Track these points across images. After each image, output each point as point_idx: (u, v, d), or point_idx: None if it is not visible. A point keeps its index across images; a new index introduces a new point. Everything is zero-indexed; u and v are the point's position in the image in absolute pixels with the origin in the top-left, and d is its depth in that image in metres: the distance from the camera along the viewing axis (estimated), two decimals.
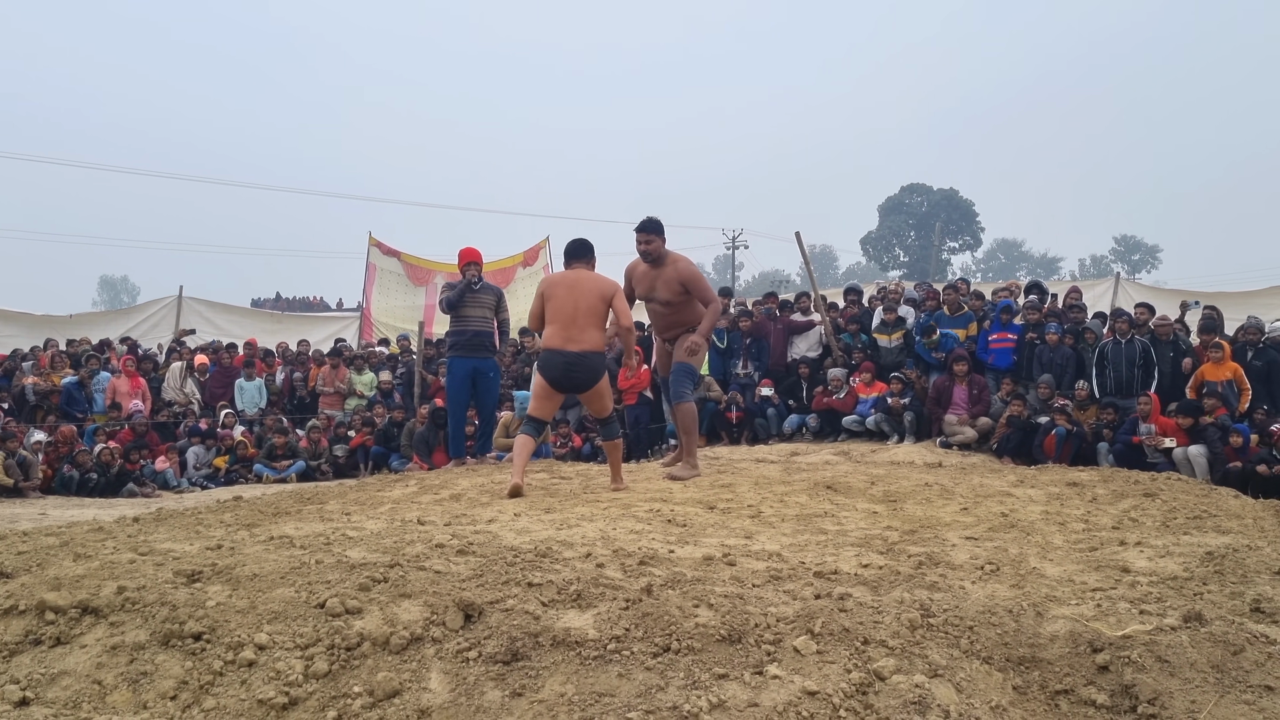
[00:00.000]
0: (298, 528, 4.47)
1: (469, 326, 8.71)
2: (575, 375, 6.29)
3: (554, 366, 6.28)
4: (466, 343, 8.73)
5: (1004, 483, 6.73)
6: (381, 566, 3.33)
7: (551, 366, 6.28)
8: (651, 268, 7.15)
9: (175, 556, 3.62)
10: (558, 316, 6.30)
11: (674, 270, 7.11)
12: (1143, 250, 77.16)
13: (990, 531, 4.84)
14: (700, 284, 7.18)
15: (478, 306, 8.70)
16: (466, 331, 8.71)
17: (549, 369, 6.30)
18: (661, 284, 7.11)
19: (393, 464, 12.56)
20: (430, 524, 4.64)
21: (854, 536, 4.59)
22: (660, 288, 7.13)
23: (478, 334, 8.73)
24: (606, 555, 3.75)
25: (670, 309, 7.23)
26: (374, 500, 6.14)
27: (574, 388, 6.39)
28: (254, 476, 12.43)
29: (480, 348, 8.75)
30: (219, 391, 14.30)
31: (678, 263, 7.15)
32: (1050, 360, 10.86)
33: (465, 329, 8.72)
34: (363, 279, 19.14)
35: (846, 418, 11.71)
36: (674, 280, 7.10)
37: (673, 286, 7.09)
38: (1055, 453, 9.75)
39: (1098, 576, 3.72)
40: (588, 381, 6.36)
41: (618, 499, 5.75)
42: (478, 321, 8.73)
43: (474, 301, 8.70)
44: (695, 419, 7.36)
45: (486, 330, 8.79)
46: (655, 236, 7.09)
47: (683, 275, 7.11)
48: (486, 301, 8.79)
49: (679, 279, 7.09)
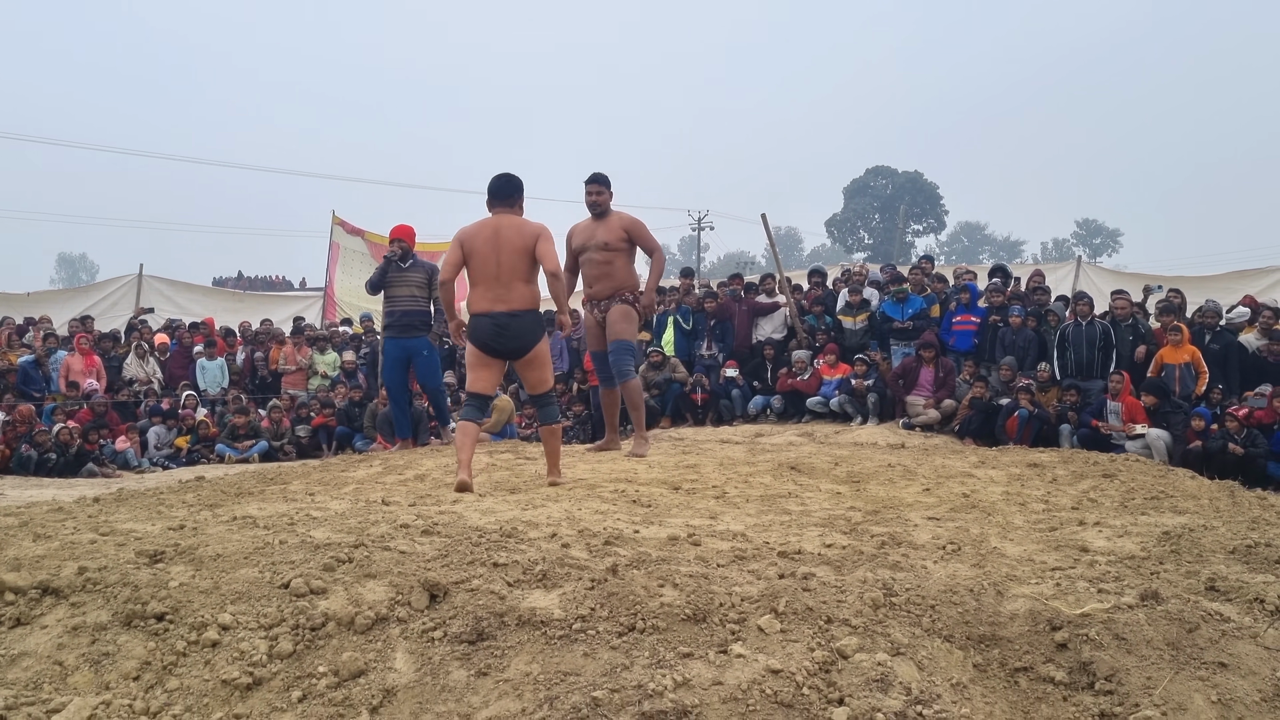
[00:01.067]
0: (261, 508, 4.45)
1: (396, 306, 8.58)
2: (507, 338, 5.62)
3: (483, 329, 5.61)
4: (396, 323, 8.60)
5: (966, 464, 6.81)
6: (346, 547, 3.31)
7: (480, 330, 5.62)
8: (593, 221, 7.15)
9: (137, 537, 3.58)
10: (482, 275, 5.63)
11: (617, 219, 7.11)
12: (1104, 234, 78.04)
13: (952, 512, 4.89)
14: (644, 230, 7.14)
15: (404, 285, 8.54)
16: (395, 312, 8.59)
17: (478, 333, 5.64)
18: (603, 229, 7.06)
19: (356, 444, 12.49)
20: (395, 504, 4.63)
21: (818, 517, 4.63)
22: (601, 232, 7.07)
23: (406, 314, 8.55)
24: (572, 535, 3.76)
25: (607, 255, 7.09)
26: (338, 481, 6.11)
27: (508, 353, 5.71)
28: (216, 457, 12.32)
29: (410, 328, 8.57)
30: (179, 372, 14.14)
31: (621, 216, 7.15)
32: (1013, 342, 10.98)
33: (394, 309, 8.59)
34: (325, 258, 18.96)
35: (810, 399, 11.79)
36: (616, 226, 7.06)
37: (615, 232, 7.04)
38: (1017, 434, 9.86)
39: (1057, 556, 3.77)
40: (524, 345, 5.67)
41: (582, 480, 5.75)
42: (405, 301, 8.55)
43: (400, 280, 8.55)
44: (642, 394, 7.34)
45: (417, 310, 8.58)
46: (605, 189, 7.09)
47: (625, 220, 7.09)
48: (415, 280, 8.58)
49: (621, 224, 7.07)
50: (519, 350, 5.70)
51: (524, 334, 5.63)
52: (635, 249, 7.16)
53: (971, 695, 2.63)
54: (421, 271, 8.62)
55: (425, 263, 8.81)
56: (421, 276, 8.58)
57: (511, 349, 5.69)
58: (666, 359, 12.53)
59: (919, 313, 11.90)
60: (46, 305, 17.10)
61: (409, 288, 8.53)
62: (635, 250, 7.17)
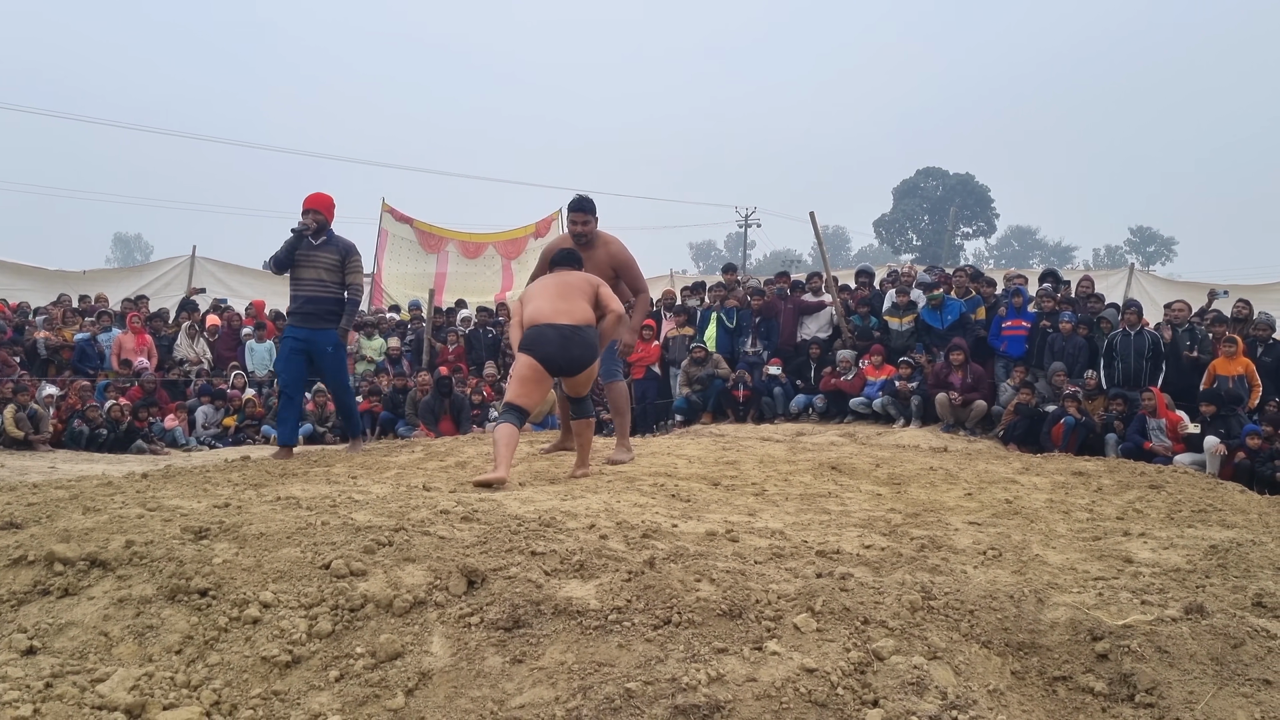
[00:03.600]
0: (304, 489, 4.50)
1: (302, 290, 7.20)
2: (573, 351, 5.50)
3: (548, 341, 5.45)
4: (299, 310, 7.24)
5: (1009, 470, 6.73)
6: (386, 530, 3.35)
7: (545, 341, 5.45)
8: (578, 249, 6.43)
9: (183, 513, 3.64)
10: (544, 293, 5.66)
11: (605, 252, 6.53)
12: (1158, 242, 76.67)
13: (994, 517, 4.84)
14: (633, 269, 6.63)
15: (312, 266, 7.14)
16: (299, 297, 7.22)
17: (542, 345, 5.45)
18: (590, 266, 6.38)
19: (400, 430, 12.60)
20: (436, 490, 4.67)
21: (857, 517, 4.60)
22: (588, 269, 6.39)
23: (312, 300, 7.17)
24: (610, 527, 3.77)
25: None
26: (380, 465, 6.17)
27: (569, 367, 5.57)
28: (261, 438, 12.48)
29: (314, 316, 7.18)
30: (228, 353, 14.35)
31: (609, 244, 6.59)
32: (1063, 349, 10.83)
33: (299, 293, 7.22)
34: (374, 245, 19.14)
35: (854, 399, 11.71)
36: (604, 263, 6.47)
37: (603, 269, 6.42)
38: (1063, 442, 9.74)
39: (1100, 566, 3.72)
40: (585, 359, 5.58)
41: (622, 472, 5.76)
42: (311, 285, 7.16)
43: (308, 260, 7.15)
44: (628, 399, 6.89)
45: (323, 295, 7.18)
46: (592, 217, 6.51)
47: (615, 258, 6.53)
48: (326, 260, 7.17)
49: (610, 262, 6.49)
50: (582, 363, 5.59)
51: (588, 348, 5.57)
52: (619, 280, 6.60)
53: (1009, 702, 2.60)
54: (334, 251, 7.21)
55: (341, 240, 7.30)
56: (334, 257, 7.19)
57: (575, 361, 5.57)
58: (709, 355, 12.52)
59: (959, 319, 11.78)
60: (102, 284, 17.41)
61: (317, 269, 7.15)
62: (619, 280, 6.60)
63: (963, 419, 10.90)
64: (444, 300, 16.51)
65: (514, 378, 5.60)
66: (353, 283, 7.26)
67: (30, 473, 7.72)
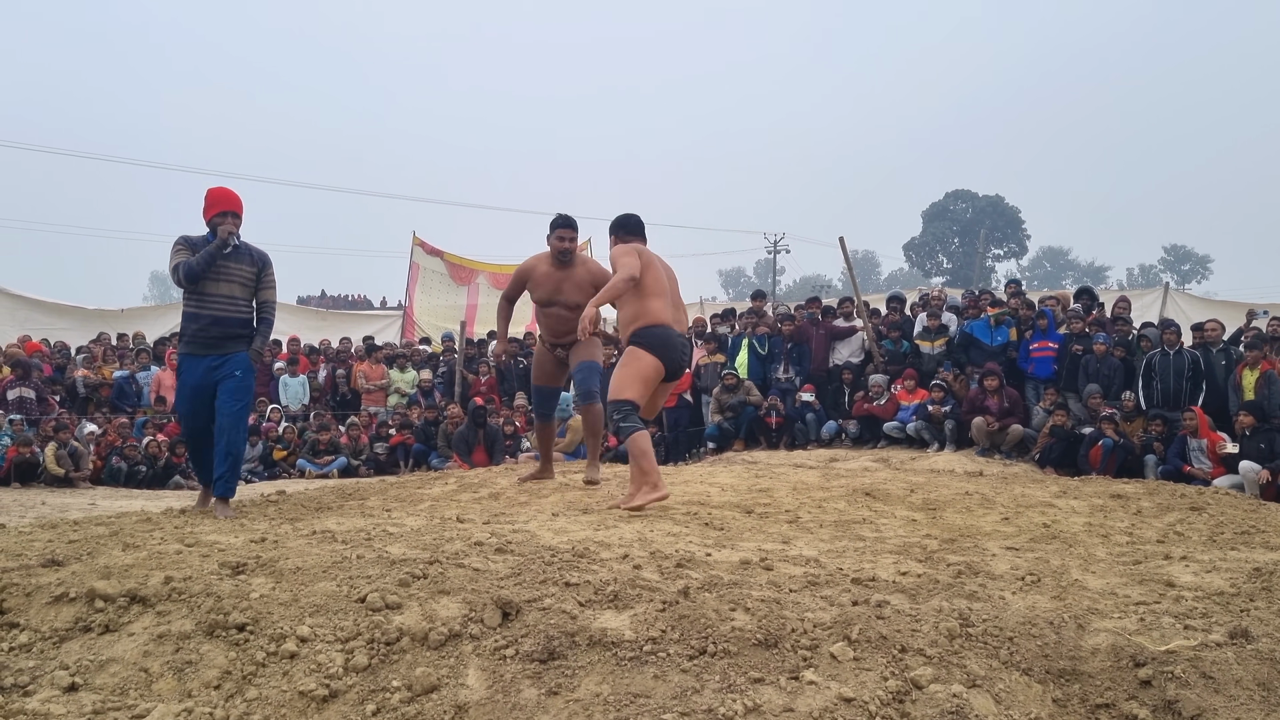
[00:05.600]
0: (339, 523, 4.53)
1: (206, 309, 5.75)
2: (685, 363, 5.61)
3: (677, 350, 5.41)
4: (202, 334, 5.77)
5: (1046, 493, 6.66)
6: (421, 563, 3.36)
7: (675, 350, 5.40)
8: (558, 268, 6.41)
9: (220, 548, 3.67)
10: (659, 289, 5.48)
11: (585, 271, 6.47)
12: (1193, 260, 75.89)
13: (1031, 542, 4.79)
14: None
15: (224, 280, 5.77)
16: (203, 316, 5.75)
17: (673, 353, 5.40)
18: (570, 285, 6.37)
19: (433, 462, 12.66)
20: (469, 522, 4.68)
21: (892, 544, 4.57)
22: (569, 290, 6.39)
23: (218, 320, 5.75)
24: (643, 557, 3.76)
25: (576, 314, 6.27)
26: (414, 497, 6.19)
27: (672, 379, 5.58)
28: (297, 472, 12.58)
29: (222, 340, 5.78)
30: (261, 389, 14.50)
31: (588, 263, 6.63)
32: (1097, 370, 10.72)
33: (202, 312, 5.75)
34: (406, 278, 19.31)
35: (887, 424, 11.66)
36: (586, 281, 6.38)
37: (586, 291, 6.29)
38: (1101, 464, 9.62)
39: (1141, 590, 3.67)
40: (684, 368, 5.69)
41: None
42: (219, 303, 5.77)
43: (218, 273, 5.75)
44: (603, 421, 6.63)
45: (234, 316, 5.81)
46: (577, 235, 6.51)
47: (597, 277, 6.37)
48: (239, 274, 5.84)
49: (592, 280, 6.36)
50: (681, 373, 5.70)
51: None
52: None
53: None
54: (249, 263, 5.90)
55: (255, 250, 5.98)
56: (249, 270, 5.89)
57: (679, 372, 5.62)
58: (741, 381, 12.51)
59: (1006, 341, 11.69)
60: (140, 321, 17.67)
61: (230, 284, 5.80)
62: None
63: (998, 443, 10.82)
64: (475, 332, 16.62)
65: (638, 377, 5.32)
66: (267, 299, 6.02)
67: (71, 510, 7.82)
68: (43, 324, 16.58)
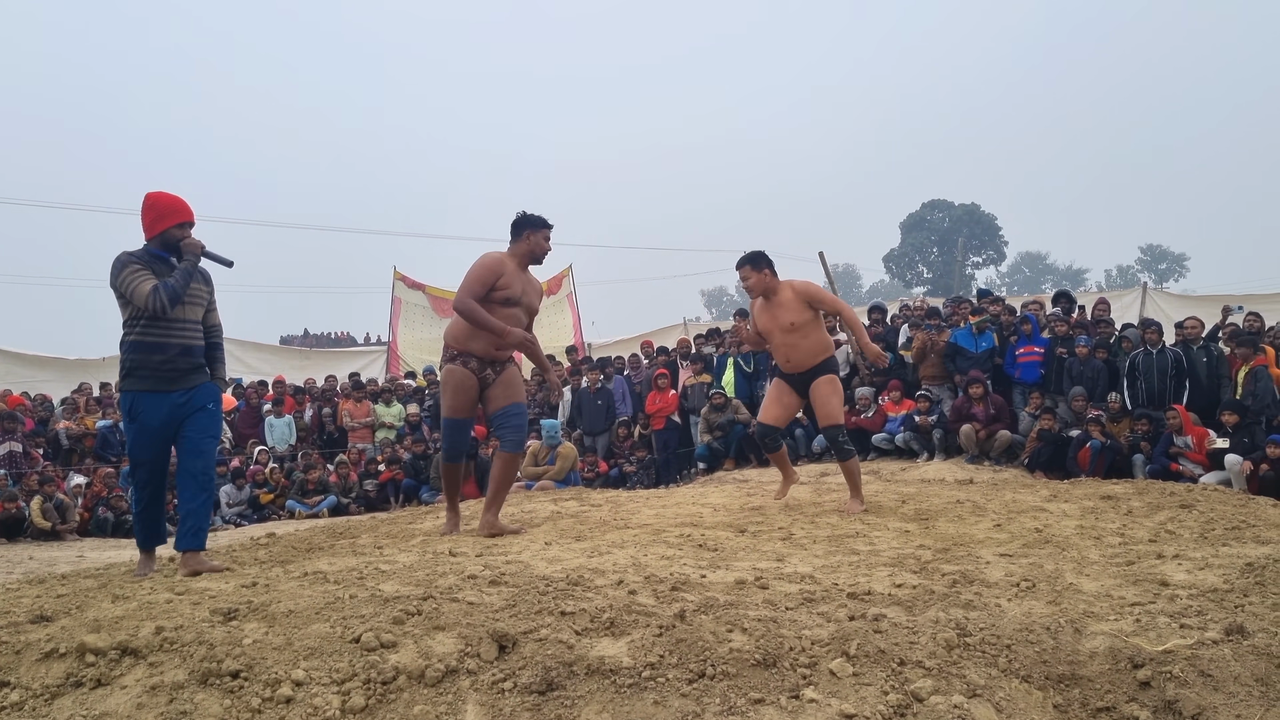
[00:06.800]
0: (331, 563, 4.50)
1: (175, 337, 4.93)
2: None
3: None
4: (169, 366, 4.92)
5: (1037, 498, 6.68)
6: (415, 599, 3.34)
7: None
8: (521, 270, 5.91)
9: (211, 595, 3.64)
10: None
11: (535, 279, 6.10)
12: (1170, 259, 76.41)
13: (1025, 548, 4.80)
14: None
15: (191, 303, 5.00)
16: (170, 346, 4.91)
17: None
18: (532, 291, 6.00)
19: (423, 496, 12.61)
20: (462, 555, 4.66)
21: (886, 556, 4.57)
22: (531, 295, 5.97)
23: (186, 350, 4.97)
24: (638, 582, 3.75)
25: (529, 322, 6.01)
26: (405, 533, 6.16)
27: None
28: (286, 513, 12.51)
29: (190, 373, 4.99)
30: (248, 430, 14.44)
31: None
32: (1080, 373, 10.77)
33: (170, 340, 4.91)
34: (388, 313, 19.28)
35: (876, 436, 11.68)
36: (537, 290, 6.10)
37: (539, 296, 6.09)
38: (1089, 466, 9.65)
39: (1136, 591, 3.67)
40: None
41: (647, 525, 5.74)
42: (189, 330, 5.00)
43: (186, 295, 4.96)
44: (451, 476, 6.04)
45: (198, 344, 5.06)
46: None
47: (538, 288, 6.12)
48: (200, 295, 5.08)
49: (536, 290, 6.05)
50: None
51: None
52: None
53: None
54: (204, 282, 5.13)
55: (202, 269, 5.10)
56: (205, 291, 5.14)
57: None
58: (728, 400, 12.51)
59: (991, 347, 11.73)
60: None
61: (195, 307, 5.04)
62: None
63: (987, 450, 10.85)
64: None
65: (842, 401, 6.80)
66: (217, 323, 5.29)
67: (59, 563, 7.75)
68: (23, 377, 16.47)
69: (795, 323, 6.53)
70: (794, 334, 6.57)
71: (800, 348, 6.62)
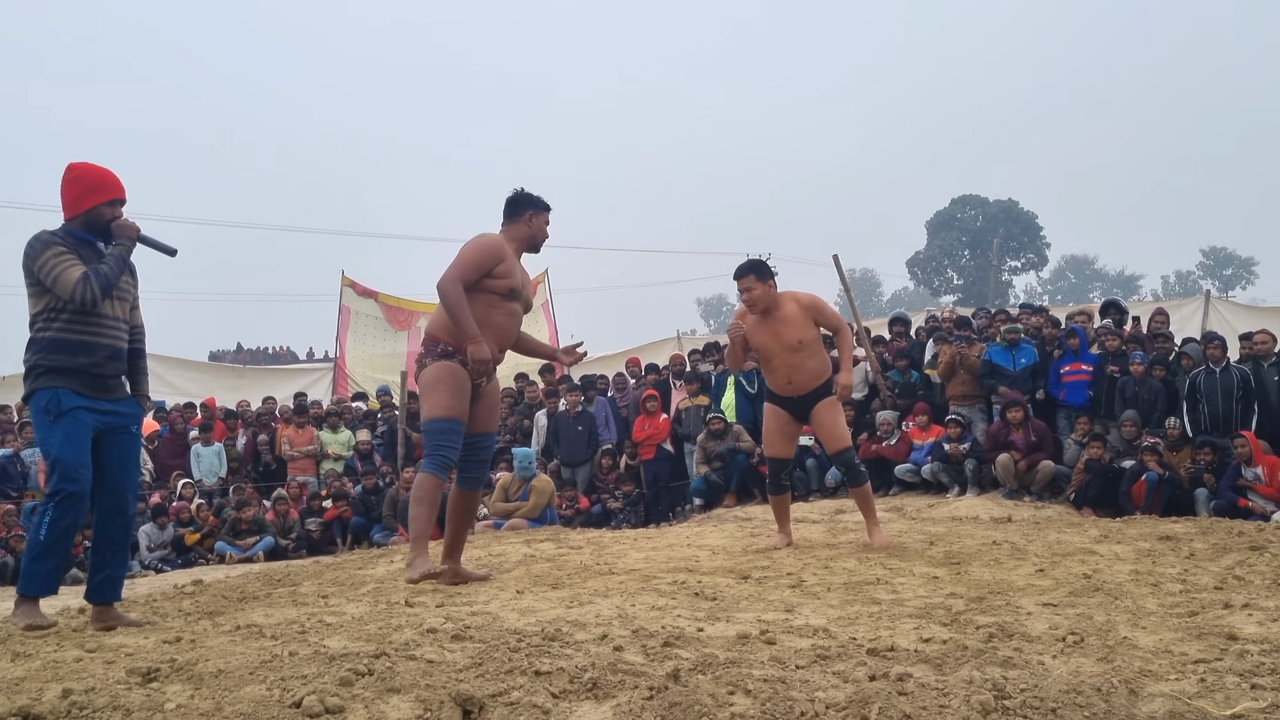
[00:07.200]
0: (267, 615, 4.48)
1: (104, 336, 4.67)
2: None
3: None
4: (96, 370, 4.64)
5: (1085, 538, 6.70)
6: (365, 657, 3.32)
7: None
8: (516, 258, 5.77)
9: (128, 652, 3.62)
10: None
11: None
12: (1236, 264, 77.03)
13: (1071, 596, 4.81)
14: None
15: (119, 298, 4.74)
16: (100, 347, 4.64)
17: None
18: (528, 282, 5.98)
19: (375, 537, 12.57)
20: (420, 605, 4.64)
21: (912, 606, 4.57)
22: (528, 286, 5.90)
23: (116, 354, 4.74)
24: (625, 636, 3.74)
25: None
26: (354, 580, 6.14)
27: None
28: (216, 556, 12.44)
29: (116, 381, 4.80)
30: (171, 461, 14.33)
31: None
32: (1135, 394, 10.78)
33: (99, 340, 4.65)
34: (335, 324, 19.25)
35: (899, 467, 11.68)
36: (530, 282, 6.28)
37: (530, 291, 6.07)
38: (1145, 502, 9.68)
39: (1200, 646, 3.68)
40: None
41: (636, 570, 5.73)
42: (117, 329, 4.75)
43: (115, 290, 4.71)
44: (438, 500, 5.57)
45: (124, 347, 4.81)
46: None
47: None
48: (128, 290, 4.84)
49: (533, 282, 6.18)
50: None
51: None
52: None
53: None
54: (131, 273, 4.88)
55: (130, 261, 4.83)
56: (131, 285, 4.90)
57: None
58: (729, 426, 12.48)
59: (1033, 364, 11.67)
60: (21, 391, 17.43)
61: (122, 303, 4.80)
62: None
63: (1027, 483, 10.84)
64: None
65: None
66: (141, 324, 5.02)
67: None
68: None
69: (803, 340, 6.61)
70: (799, 354, 6.64)
71: (805, 369, 6.69)
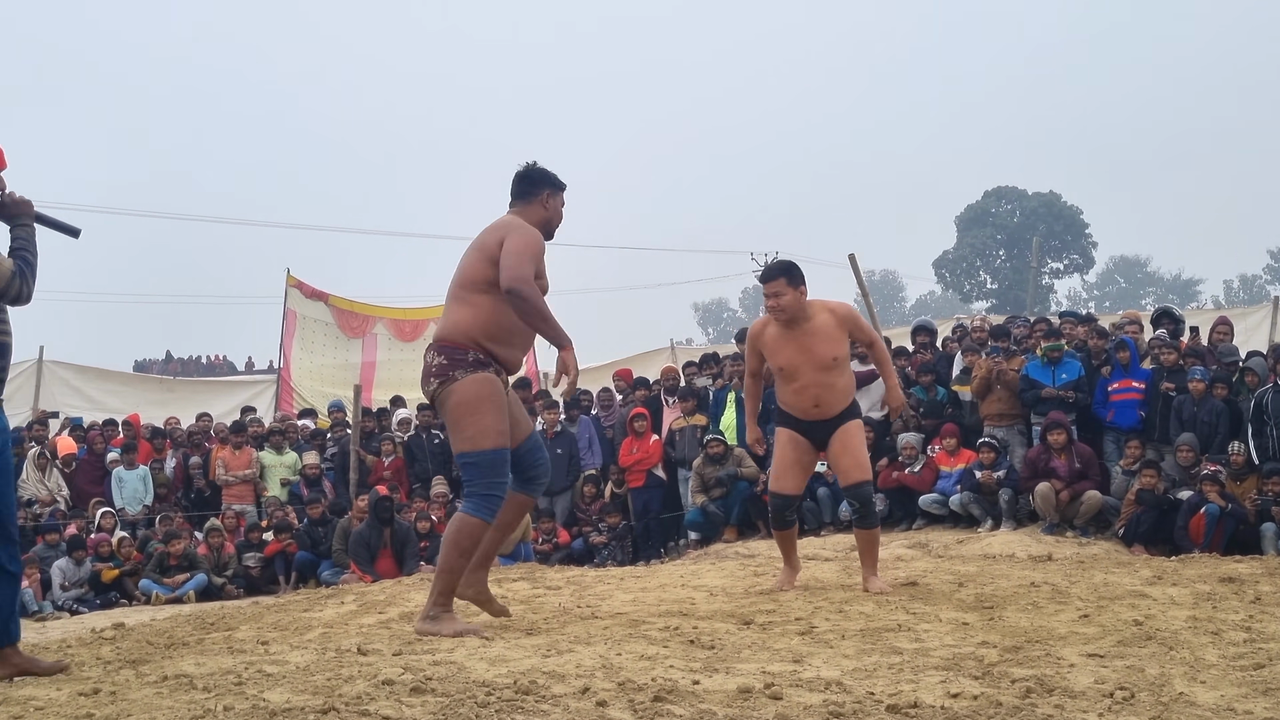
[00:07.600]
0: (199, 664, 4.47)
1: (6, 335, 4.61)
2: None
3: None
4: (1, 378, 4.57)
5: (1136, 579, 6.71)
6: (311, 712, 3.32)
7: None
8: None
9: (38, 706, 3.61)
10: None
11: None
12: None
13: (1120, 646, 4.82)
14: None
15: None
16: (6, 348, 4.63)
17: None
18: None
19: (323, 575, 12.53)
20: (375, 653, 4.63)
21: (938, 657, 4.58)
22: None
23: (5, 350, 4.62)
24: (610, 690, 3.74)
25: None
26: (299, 624, 6.12)
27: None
28: (140, 596, 12.39)
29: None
30: (89, 487, 14.26)
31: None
32: (1193, 415, 10.75)
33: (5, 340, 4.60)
34: (279, 331, 19.20)
35: (924, 497, 11.67)
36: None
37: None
38: (1204, 538, 9.69)
39: (1267, 704, 3.69)
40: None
41: (623, 614, 5.73)
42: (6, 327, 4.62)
43: None
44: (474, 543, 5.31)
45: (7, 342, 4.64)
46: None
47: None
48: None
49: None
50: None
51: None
52: None
53: None
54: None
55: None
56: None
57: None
58: (729, 449, 12.45)
59: (1077, 380, 11.63)
60: None
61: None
62: None
63: (1070, 516, 10.83)
64: (374, 399, 16.53)
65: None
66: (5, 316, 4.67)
67: None
68: None
69: (838, 358, 6.54)
70: (832, 372, 6.55)
71: (836, 389, 6.61)
